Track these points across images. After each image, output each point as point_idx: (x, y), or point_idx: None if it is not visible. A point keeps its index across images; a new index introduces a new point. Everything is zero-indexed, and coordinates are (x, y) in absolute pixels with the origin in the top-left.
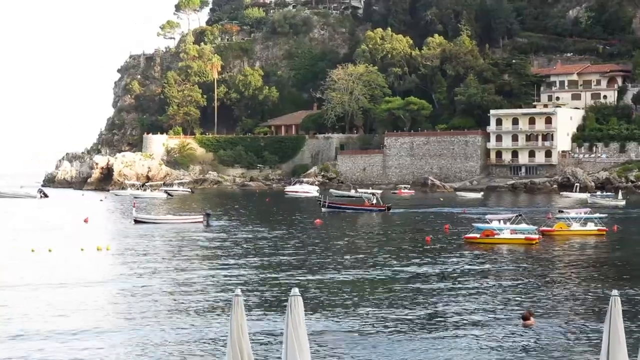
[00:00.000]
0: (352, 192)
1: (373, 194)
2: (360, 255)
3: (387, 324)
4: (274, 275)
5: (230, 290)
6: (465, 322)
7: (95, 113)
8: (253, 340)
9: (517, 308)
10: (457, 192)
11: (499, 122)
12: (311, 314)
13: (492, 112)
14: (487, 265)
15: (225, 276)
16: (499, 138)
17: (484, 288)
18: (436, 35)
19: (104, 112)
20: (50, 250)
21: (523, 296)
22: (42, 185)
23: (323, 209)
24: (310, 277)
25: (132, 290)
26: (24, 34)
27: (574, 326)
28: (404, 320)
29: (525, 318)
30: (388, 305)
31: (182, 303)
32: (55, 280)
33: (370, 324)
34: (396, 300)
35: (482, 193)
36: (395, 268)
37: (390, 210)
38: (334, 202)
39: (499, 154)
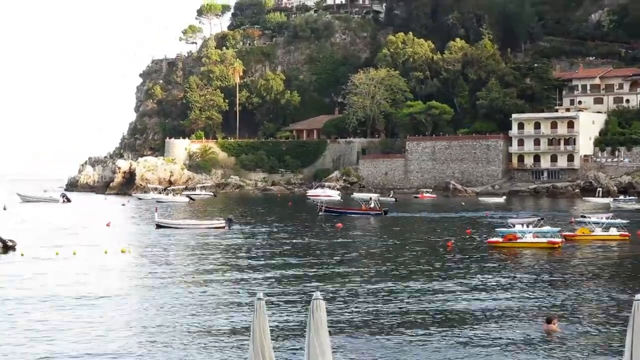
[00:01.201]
0: (375, 196)
1: (371, 198)
2: (381, 259)
3: (408, 327)
4: (296, 279)
5: (252, 294)
6: (487, 326)
7: (118, 118)
8: (275, 343)
9: (540, 312)
10: (479, 197)
11: (521, 126)
12: (333, 317)
13: (514, 116)
14: (509, 270)
15: (247, 280)
16: (521, 142)
17: (506, 292)
18: (458, 39)
19: (126, 116)
20: (74, 253)
21: (545, 300)
22: (65, 190)
23: (320, 213)
24: (332, 280)
25: (152, 294)
26: (48, 38)
27: (596, 330)
28: (425, 324)
29: (548, 321)
30: (410, 309)
31: (204, 307)
32: (79, 283)
33: (391, 327)
34: (418, 304)
35: (504, 197)
36: (417, 273)
37: (387, 214)
38: (330, 207)
39: (521, 158)
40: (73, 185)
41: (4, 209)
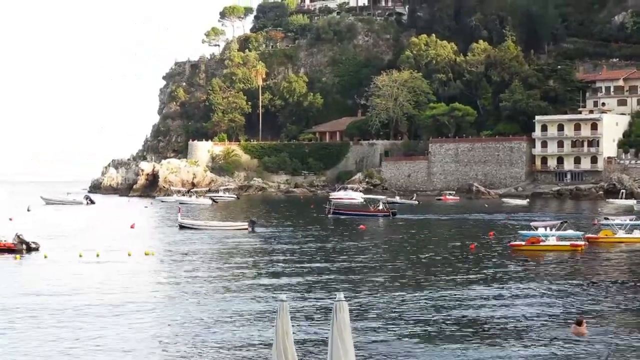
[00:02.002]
0: (397, 199)
1: (379, 200)
2: (404, 261)
3: (432, 330)
4: (319, 281)
5: (275, 296)
6: (514, 328)
7: (141, 120)
8: (298, 345)
9: (567, 314)
10: (502, 199)
11: (544, 128)
12: (357, 319)
13: (537, 118)
14: (532, 273)
15: (270, 282)
16: (544, 144)
17: (530, 296)
18: (481, 41)
19: (149, 119)
20: (98, 255)
21: (571, 303)
22: (88, 192)
23: (329, 215)
24: (355, 282)
25: (176, 295)
26: (71, 41)
27: (624, 333)
28: (450, 328)
29: (578, 323)
30: (434, 312)
31: (227, 308)
32: (103, 284)
33: (415, 330)
34: (442, 307)
35: (527, 199)
36: (440, 275)
37: (395, 216)
38: (338, 208)
39: (544, 160)
40: (96, 187)
41: (28, 210)
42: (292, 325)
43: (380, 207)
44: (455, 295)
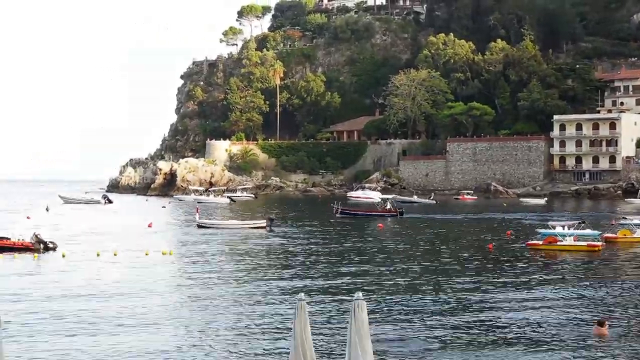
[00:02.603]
0: (415, 198)
1: (387, 199)
2: (422, 261)
3: (449, 331)
4: (337, 279)
5: (293, 295)
6: (532, 330)
7: (159, 119)
8: (316, 344)
9: (588, 315)
10: (520, 198)
11: (562, 127)
12: (375, 318)
13: (555, 117)
14: (550, 273)
15: (289, 280)
16: (562, 144)
17: (548, 296)
18: (499, 40)
19: (167, 118)
20: (115, 254)
21: (590, 304)
22: (106, 191)
23: (337, 215)
24: (373, 281)
25: (194, 294)
26: (90, 41)
27: None
28: (467, 328)
29: (600, 324)
30: (451, 312)
31: (245, 307)
32: (120, 283)
33: (433, 330)
34: (459, 308)
35: (545, 199)
36: (457, 275)
37: (403, 215)
38: (346, 208)
39: (562, 159)
40: (114, 187)
41: (47, 210)
42: (310, 324)
43: (388, 206)
44: (472, 295)
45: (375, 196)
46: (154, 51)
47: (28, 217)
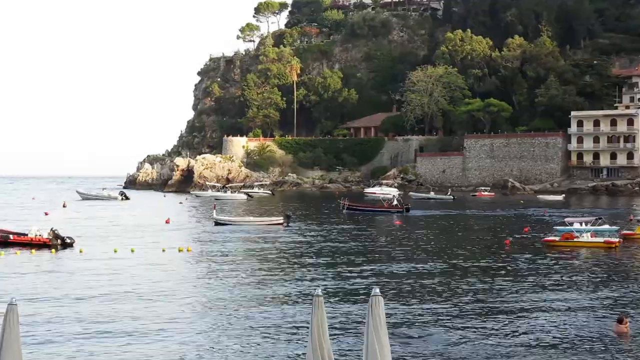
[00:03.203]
0: (432, 194)
1: (393, 196)
2: (439, 257)
3: (468, 326)
4: (354, 275)
5: (310, 291)
6: (550, 327)
7: (176, 115)
8: (333, 340)
9: (604, 314)
10: (538, 195)
11: (580, 123)
12: (392, 314)
13: (573, 113)
14: (568, 270)
15: (306, 276)
16: (580, 140)
17: (567, 293)
18: (516, 37)
19: (184, 114)
20: (132, 251)
21: (609, 301)
22: (124, 188)
23: (344, 211)
24: (390, 277)
25: (211, 291)
26: (108, 38)
27: None
28: (486, 324)
29: (620, 321)
30: (469, 308)
31: (262, 303)
32: (137, 280)
33: (451, 326)
34: (477, 302)
35: (563, 195)
36: (475, 270)
37: (409, 212)
38: (353, 204)
39: (580, 156)
40: (131, 183)
41: (64, 206)
42: (328, 320)
43: (394, 203)
44: (489, 291)
45: (392, 192)
46: (171, 47)
47: (46, 213)
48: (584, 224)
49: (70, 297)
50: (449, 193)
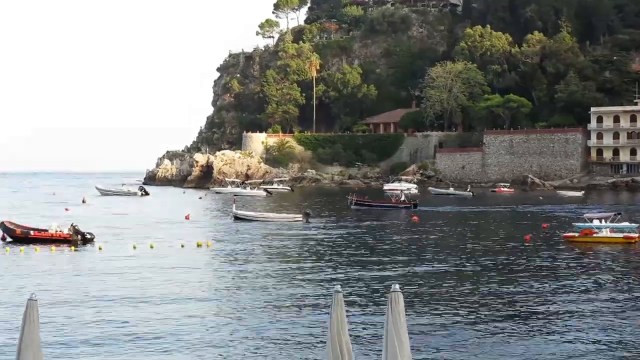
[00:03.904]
0: (451, 190)
1: (401, 191)
2: (459, 253)
3: (490, 323)
4: (373, 272)
5: (329, 287)
6: (573, 322)
7: (196, 111)
8: (353, 336)
9: (627, 309)
10: (557, 191)
11: (599, 119)
12: (412, 311)
13: (592, 109)
14: (588, 265)
15: (325, 272)
16: (599, 136)
17: (588, 288)
18: (536, 32)
19: (204, 110)
20: (151, 247)
21: (631, 297)
22: (143, 183)
23: (351, 207)
24: (409, 273)
25: (230, 286)
26: (129, 35)
27: None
28: (508, 321)
29: None
30: (491, 304)
31: (281, 299)
32: (156, 277)
33: (472, 323)
34: (497, 299)
35: (582, 191)
36: (495, 266)
37: (417, 208)
38: (361, 199)
39: (599, 151)
40: (151, 179)
41: (83, 202)
42: (347, 316)
43: (402, 198)
44: (509, 286)
45: (411, 188)
46: (191, 43)
47: (66, 209)
48: (603, 220)
49: (88, 295)
50: (468, 189)
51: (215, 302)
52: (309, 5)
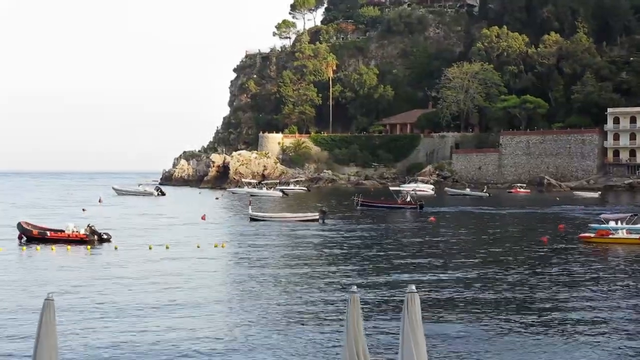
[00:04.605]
0: (467, 191)
1: (407, 192)
2: (476, 254)
3: (506, 324)
4: (390, 273)
5: (346, 288)
6: (591, 323)
7: (212, 112)
8: (369, 337)
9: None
10: (574, 192)
11: (616, 120)
12: (428, 311)
13: (609, 110)
14: (603, 265)
15: (341, 273)
16: (616, 137)
17: (606, 288)
18: (552, 33)
19: (220, 111)
20: (167, 247)
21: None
22: (160, 184)
23: (357, 207)
24: (426, 274)
25: (246, 287)
26: (145, 35)
27: None
28: (524, 322)
29: None
30: (507, 305)
31: (298, 300)
32: (172, 277)
33: (488, 324)
34: (515, 301)
35: (599, 192)
36: (513, 268)
37: (423, 209)
38: (366, 200)
39: (616, 152)
40: (167, 179)
41: (100, 202)
42: (363, 317)
43: (408, 199)
44: (527, 287)
45: (427, 189)
46: (208, 43)
47: (84, 210)
48: (619, 221)
49: (103, 295)
50: (485, 190)
51: (229, 305)
52: (325, 5)
